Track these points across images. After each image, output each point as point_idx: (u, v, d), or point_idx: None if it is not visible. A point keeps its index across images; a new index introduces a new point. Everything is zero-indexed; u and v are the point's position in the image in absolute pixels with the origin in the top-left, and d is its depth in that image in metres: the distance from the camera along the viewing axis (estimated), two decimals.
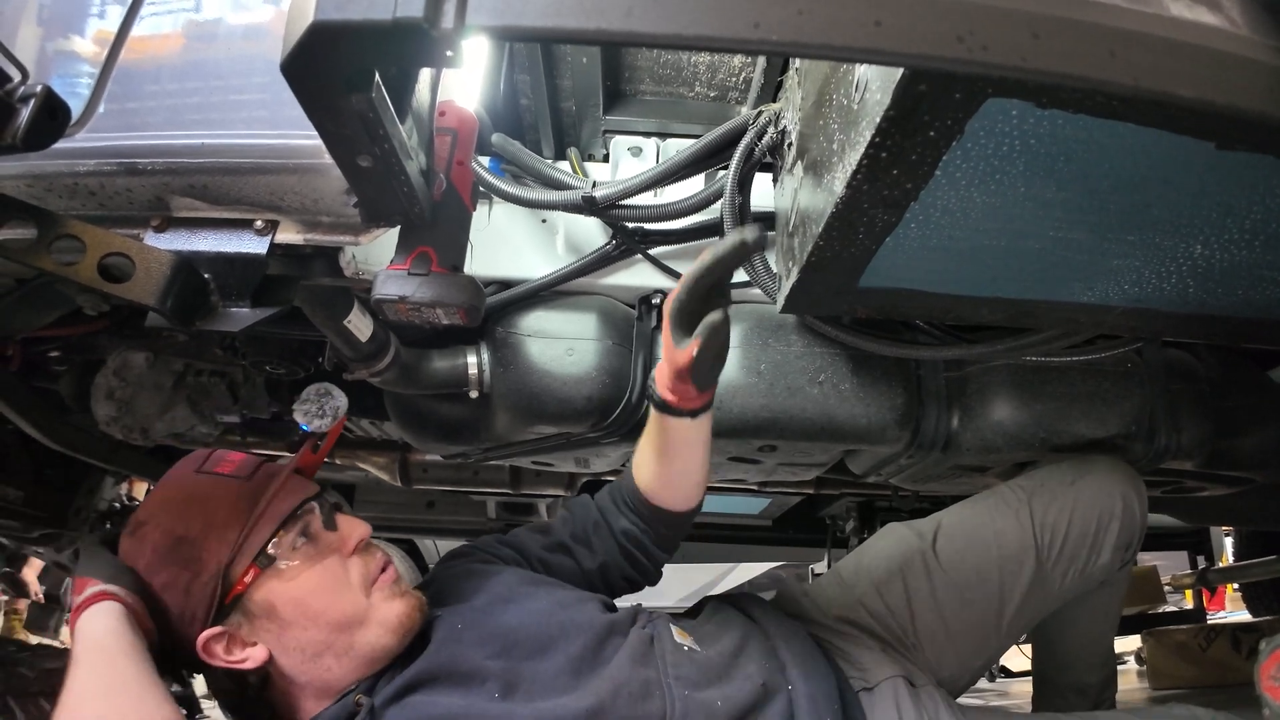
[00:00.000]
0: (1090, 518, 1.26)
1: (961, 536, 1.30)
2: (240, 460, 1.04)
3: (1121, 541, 1.27)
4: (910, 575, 1.27)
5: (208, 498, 0.97)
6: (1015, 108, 0.69)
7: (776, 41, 0.54)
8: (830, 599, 1.29)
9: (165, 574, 0.93)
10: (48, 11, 1.00)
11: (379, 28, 0.56)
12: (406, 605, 0.99)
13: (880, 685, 1.11)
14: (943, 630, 1.25)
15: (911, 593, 1.26)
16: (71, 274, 0.83)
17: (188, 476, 1.02)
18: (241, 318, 0.91)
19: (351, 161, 0.75)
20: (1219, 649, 2.81)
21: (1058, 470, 1.32)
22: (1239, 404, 1.47)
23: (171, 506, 0.98)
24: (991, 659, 1.31)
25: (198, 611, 0.92)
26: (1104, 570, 1.28)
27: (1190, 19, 0.60)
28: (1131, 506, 1.27)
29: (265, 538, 0.95)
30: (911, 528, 1.34)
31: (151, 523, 0.97)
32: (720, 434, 1.32)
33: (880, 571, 1.29)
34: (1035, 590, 1.25)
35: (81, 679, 0.83)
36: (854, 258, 0.96)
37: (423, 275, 0.90)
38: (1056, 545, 1.25)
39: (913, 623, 1.25)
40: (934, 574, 1.26)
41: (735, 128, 1.18)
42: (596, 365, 1.30)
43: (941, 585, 1.26)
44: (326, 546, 0.99)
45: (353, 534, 1.01)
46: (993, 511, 1.31)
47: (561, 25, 0.55)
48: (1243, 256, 0.90)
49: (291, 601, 0.94)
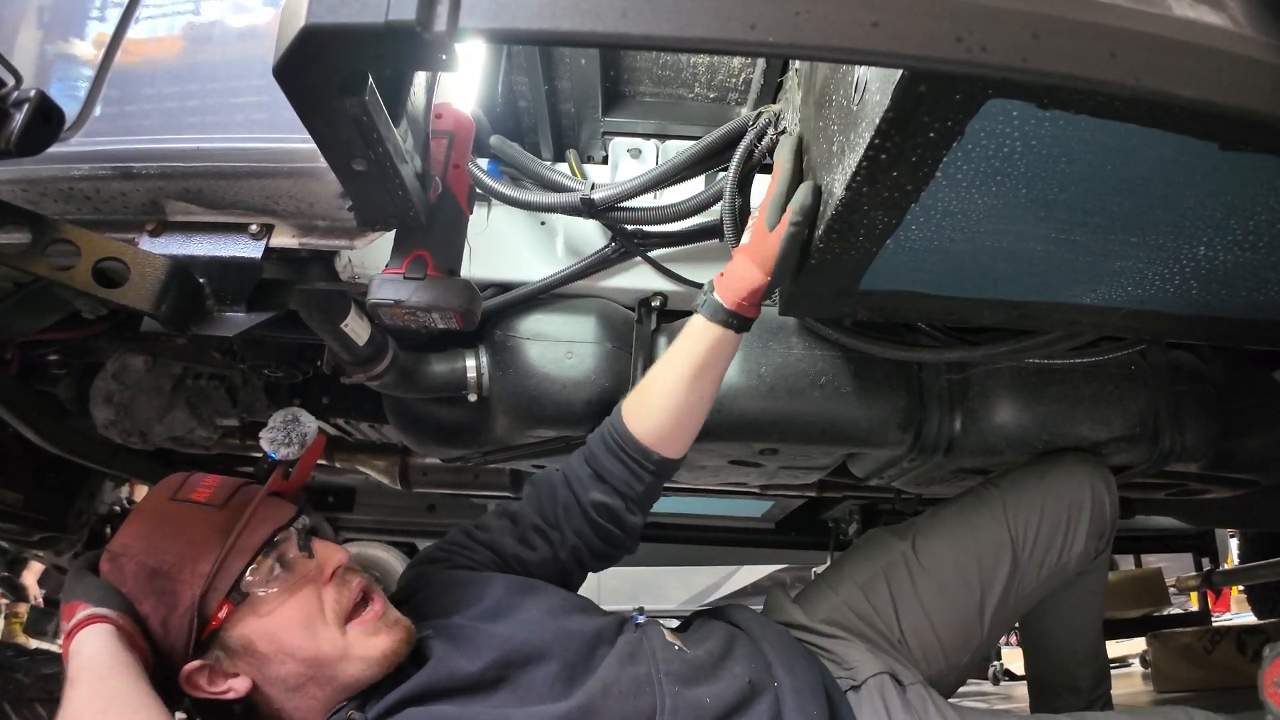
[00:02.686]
0: (1061, 509, 1.32)
1: (939, 535, 1.34)
2: (216, 485, 1.01)
3: (1094, 530, 1.32)
4: (893, 575, 1.31)
5: (180, 528, 0.95)
6: (1016, 108, 0.68)
7: (774, 43, 0.54)
8: (815, 603, 1.32)
9: (145, 605, 0.93)
10: (48, 14, 0.99)
11: (371, 31, 0.55)
12: (390, 640, 0.96)
13: (867, 683, 1.12)
14: (927, 626, 1.28)
15: (895, 592, 1.30)
16: (66, 279, 0.83)
17: (161, 505, 0.99)
18: (237, 322, 0.91)
19: (346, 165, 0.74)
20: (1224, 652, 2.79)
21: (1028, 468, 1.38)
22: (1244, 405, 1.46)
23: (145, 537, 0.96)
24: (978, 654, 1.36)
25: (176, 645, 0.92)
26: (1080, 560, 1.33)
27: (1192, 18, 0.59)
28: (1100, 496, 1.33)
29: (238, 571, 0.93)
30: (892, 531, 1.39)
31: (126, 555, 0.95)
32: (721, 437, 1.32)
33: (864, 574, 1.33)
34: (1014, 582, 1.31)
35: (78, 700, 0.83)
36: (854, 260, 0.95)
37: (418, 279, 0.89)
38: (1031, 537, 1.31)
39: (898, 620, 1.28)
40: (915, 573, 1.31)
41: (735, 129, 1.18)
42: (596, 368, 1.30)
43: (923, 583, 1.30)
44: (303, 576, 0.97)
45: (329, 561, 0.98)
46: (968, 510, 1.36)
47: (556, 28, 0.55)
48: (1246, 258, 0.90)
49: (267, 637, 0.93)
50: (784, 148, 1.05)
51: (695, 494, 2.35)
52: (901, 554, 1.32)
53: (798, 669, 1.06)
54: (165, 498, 1.00)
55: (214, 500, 0.98)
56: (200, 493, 0.99)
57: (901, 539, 1.35)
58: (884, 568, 1.32)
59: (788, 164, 1.02)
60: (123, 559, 0.95)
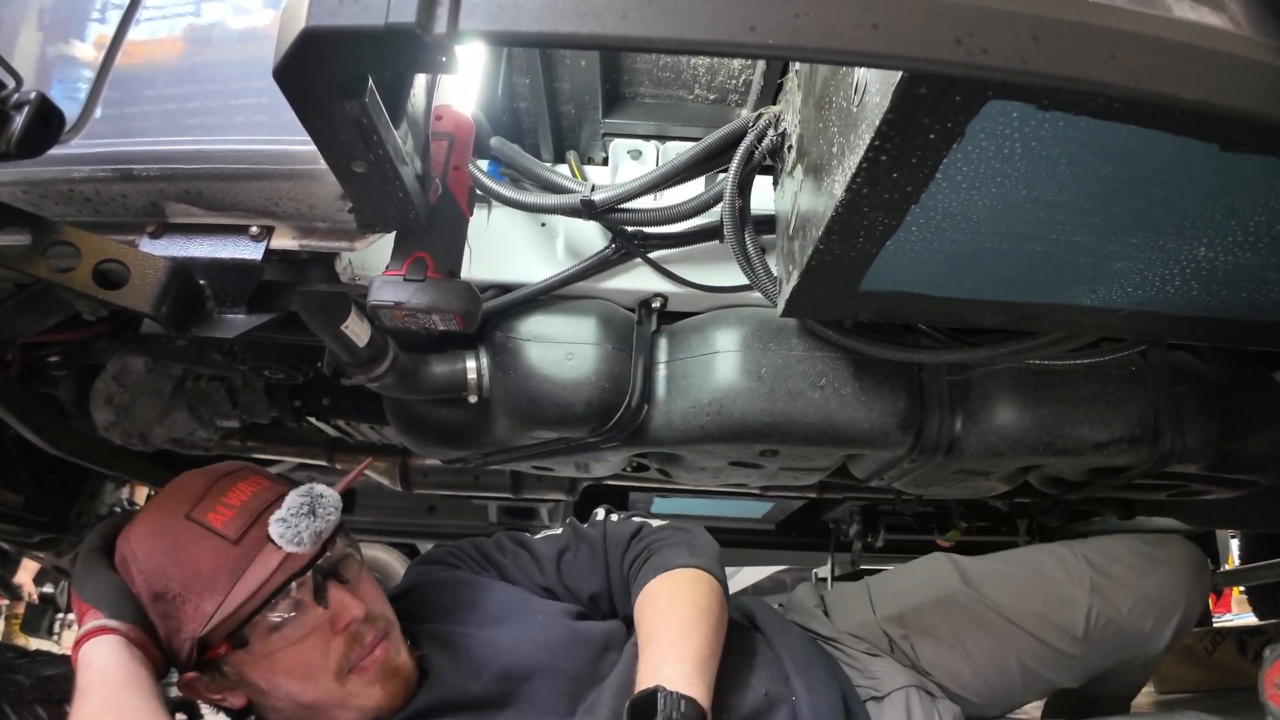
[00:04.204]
0: (1150, 614, 1.23)
1: (1007, 589, 1.26)
2: (237, 509, 0.94)
3: (1179, 631, 1.24)
4: (941, 614, 1.24)
5: (190, 556, 0.91)
6: (1016, 110, 0.68)
7: (773, 45, 0.54)
8: (850, 611, 1.28)
9: (152, 616, 0.92)
10: (48, 16, 0.99)
11: (371, 34, 0.55)
12: (387, 691, 0.95)
13: (892, 695, 1.10)
14: (967, 672, 1.22)
15: (937, 631, 1.23)
16: (67, 280, 0.83)
17: (176, 521, 0.94)
18: (237, 324, 0.91)
19: (346, 167, 0.74)
20: (1225, 652, 2.79)
21: (1130, 553, 1.27)
22: (1245, 406, 1.46)
23: (153, 557, 0.93)
24: (1006, 711, 1.29)
25: (177, 657, 0.92)
26: (1148, 655, 1.26)
27: (1193, 20, 0.59)
28: (1194, 606, 1.25)
29: (241, 618, 0.90)
30: (957, 565, 1.29)
31: (135, 566, 0.93)
32: (721, 439, 1.32)
33: (912, 601, 1.26)
34: (1073, 666, 1.23)
35: (86, 714, 0.83)
36: (855, 261, 0.95)
37: (419, 281, 0.89)
38: (1109, 633, 1.22)
39: (937, 657, 1.22)
40: (968, 619, 1.23)
41: (735, 130, 1.18)
42: (596, 370, 1.29)
43: (974, 632, 1.23)
44: (312, 624, 0.93)
45: (342, 615, 0.94)
46: (1050, 578, 1.26)
47: (556, 30, 0.55)
48: (1247, 258, 0.89)
49: (265, 678, 0.92)
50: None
51: (696, 495, 2.35)
52: (961, 594, 1.25)
53: (816, 681, 1.04)
54: (182, 513, 0.94)
55: (229, 532, 0.93)
56: (218, 516, 0.93)
57: (966, 580, 1.27)
58: (939, 602, 1.25)
59: None
60: (131, 568, 0.94)
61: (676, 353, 1.34)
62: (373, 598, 1.00)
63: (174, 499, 0.97)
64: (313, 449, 1.86)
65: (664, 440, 1.34)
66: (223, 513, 0.94)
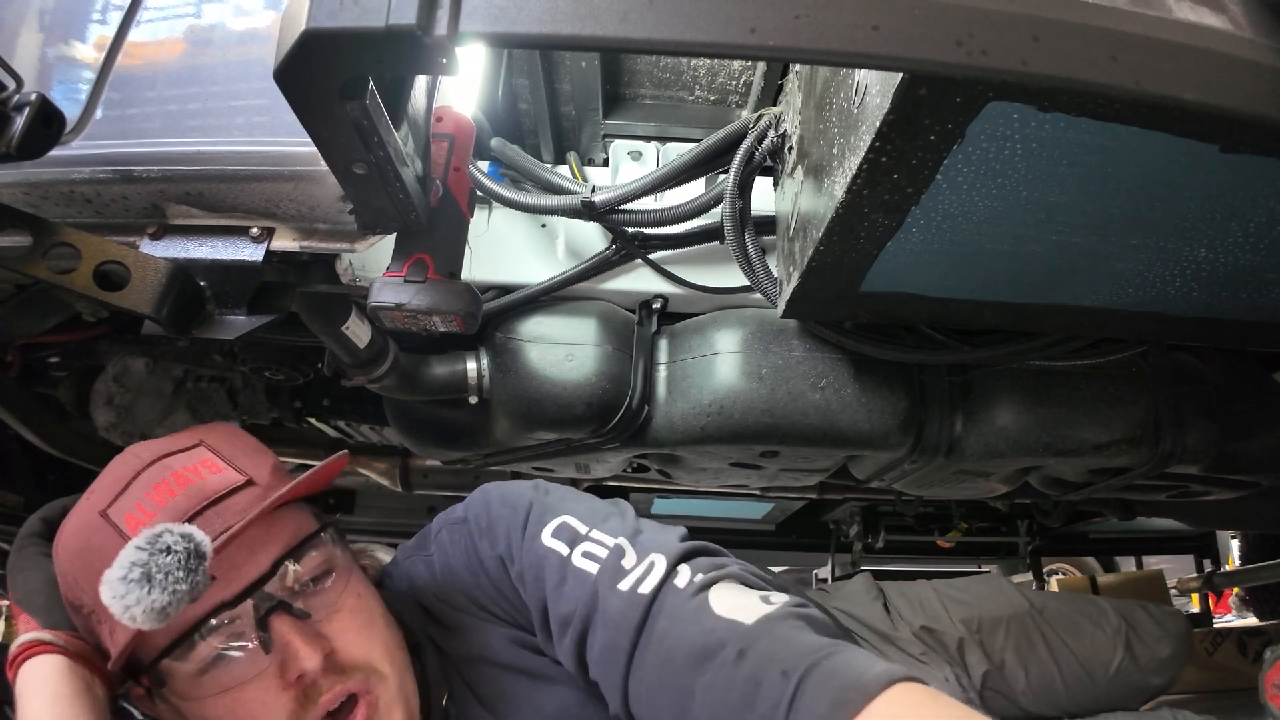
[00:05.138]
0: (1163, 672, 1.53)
1: (1066, 623, 1.49)
2: (160, 509, 0.72)
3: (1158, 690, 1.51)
4: (1013, 627, 1.45)
5: (102, 567, 0.65)
6: (1017, 111, 0.68)
7: (774, 47, 0.54)
8: (921, 608, 1.47)
9: (79, 629, 0.77)
10: (49, 17, 0.99)
11: (372, 35, 0.55)
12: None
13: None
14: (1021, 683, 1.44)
15: (1004, 640, 1.44)
16: (67, 282, 0.83)
17: (93, 518, 0.74)
18: (237, 325, 0.91)
19: (346, 169, 0.74)
20: (1225, 653, 2.79)
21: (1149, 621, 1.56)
22: (1245, 407, 1.46)
23: (68, 558, 0.75)
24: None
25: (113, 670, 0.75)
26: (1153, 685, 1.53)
27: (1193, 21, 0.59)
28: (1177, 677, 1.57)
29: (154, 652, 0.71)
30: (1020, 589, 1.54)
31: (57, 566, 0.77)
32: (722, 440, 1.32)
33: (984, 611, 1.47)
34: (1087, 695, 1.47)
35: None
36: (855, 262, 0.95)
37: (419, 282, 0.89)
38: (1123, 682, 1.48)
39: (997, 663, 1.43)
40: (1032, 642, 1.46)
41: (735, 131, 1.18)
42: (596, 371, 1.29)
43: (1032, 651, 1.44)
44: (250, 670, 0.71)
45: (291, 666, 0.71)
46: (1096, 623, 1.51)
47: (556, 32, 0.55)
48: (1247, 260, 0.89)
49: (197, 718, 0.74)
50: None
51: (696, 496, 2.35)
52: (1027, 614, 1.46)
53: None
54: (97, 510, 0.75)
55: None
56: (135, 517, 0.72)
57: (1029, 602, 1.48)
58: (1011, 618, 1.44)
59: None
60: (56, 567, 0.78)
61: (677, 354, 1.34)
62: (354, 638, 0.75)
63: (106, 482, 0.77)
64: (313, 450, 1.86)
65: (664, 441, 1.34)
66: (142, 514, 0.72)
